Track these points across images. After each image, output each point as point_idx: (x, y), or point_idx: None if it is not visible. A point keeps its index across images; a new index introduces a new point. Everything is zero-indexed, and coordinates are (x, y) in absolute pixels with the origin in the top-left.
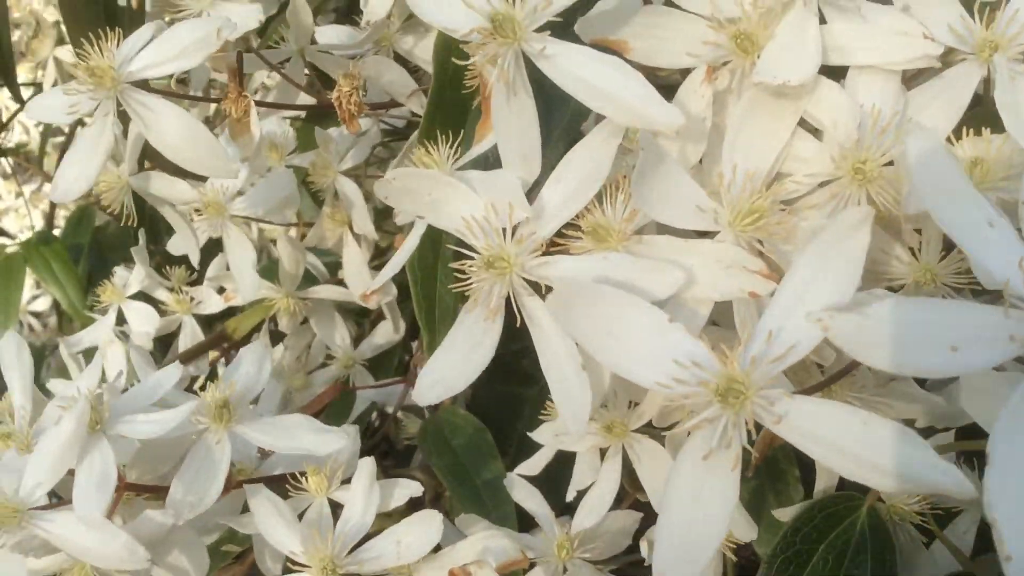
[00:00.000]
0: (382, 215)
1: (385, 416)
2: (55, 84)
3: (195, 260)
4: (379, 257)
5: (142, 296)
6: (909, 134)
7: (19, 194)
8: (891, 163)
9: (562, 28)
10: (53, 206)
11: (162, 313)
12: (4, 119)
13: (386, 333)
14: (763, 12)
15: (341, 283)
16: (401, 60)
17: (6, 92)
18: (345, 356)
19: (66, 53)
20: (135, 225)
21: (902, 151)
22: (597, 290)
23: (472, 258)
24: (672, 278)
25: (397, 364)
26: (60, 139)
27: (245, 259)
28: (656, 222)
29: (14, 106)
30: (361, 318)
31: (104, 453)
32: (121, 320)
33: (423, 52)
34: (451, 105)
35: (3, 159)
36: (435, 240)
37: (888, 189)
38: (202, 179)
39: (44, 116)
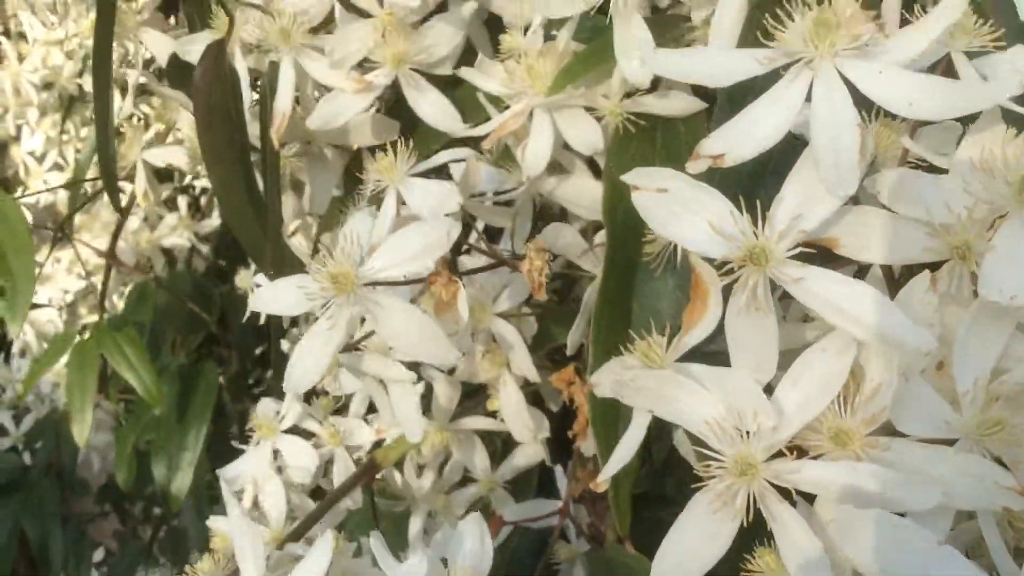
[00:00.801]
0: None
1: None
2: (145, 191)
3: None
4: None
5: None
6: None
7: (57, 260)
8: None
9: None
10: (106, 282)
11: (313, 446)
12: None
13: (527, 456)
14: (978, 221)
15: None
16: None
17: (23, 145)
18: (487, 480)
19: (155, 156)
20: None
21: None
22: (870, 515)
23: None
24: (928, 495)
25: (537, 484)
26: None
27: (411, 403)
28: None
29: (32, 163)
30: (491, 434)
31: None
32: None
33: (564, 192)
34: (624, 265)
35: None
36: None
37: None
38: None
39: (271, 308)
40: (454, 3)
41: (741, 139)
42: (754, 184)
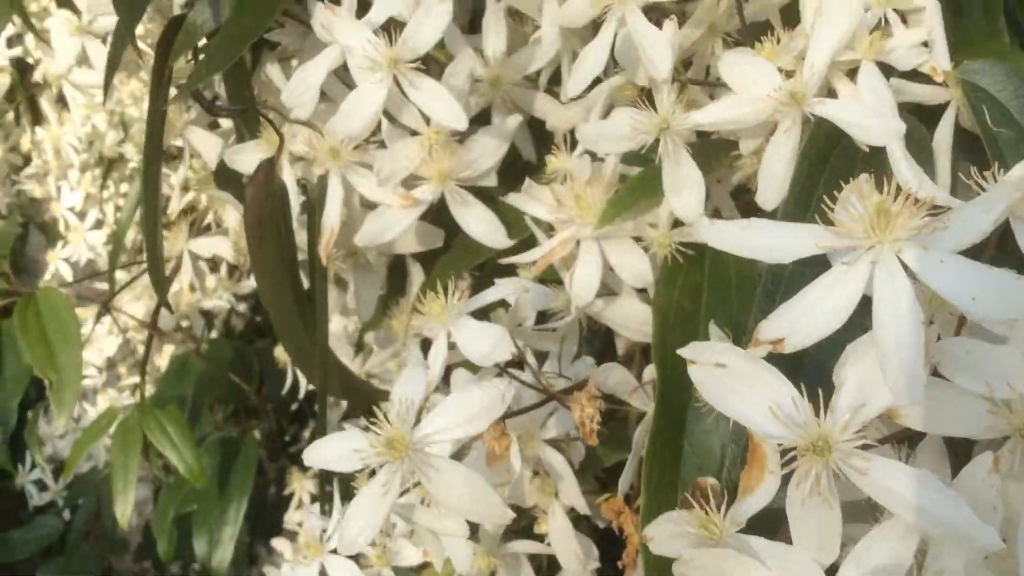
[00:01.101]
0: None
1: None
2: (192, 285)
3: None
4: None
5: None
6: None
7: (99, 322)
8: None
9: None
10: (147, 352)
11: (360, 566)
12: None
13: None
14: None
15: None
16: None
17: (63, 201)
18: None
19: (201, 247)
20: None
21: None
22: None
23: None
24: None
25: None
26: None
27: (459, 539)
28: None
29: (73, 219)
30: None
31: None
32: None
33: (611, 314)
34: (675, 404)
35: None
36: None
37: None
38: None
39: (323, 464)
40: (498, 114)
41: (801, 325)
42: None
